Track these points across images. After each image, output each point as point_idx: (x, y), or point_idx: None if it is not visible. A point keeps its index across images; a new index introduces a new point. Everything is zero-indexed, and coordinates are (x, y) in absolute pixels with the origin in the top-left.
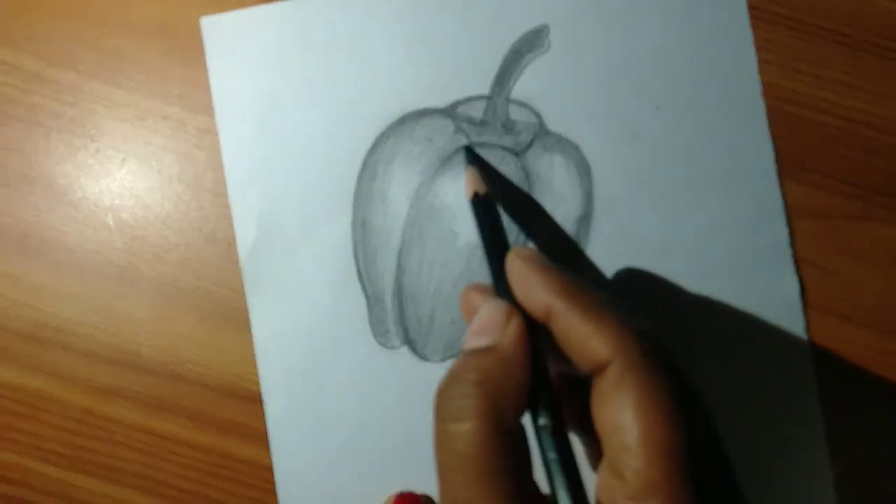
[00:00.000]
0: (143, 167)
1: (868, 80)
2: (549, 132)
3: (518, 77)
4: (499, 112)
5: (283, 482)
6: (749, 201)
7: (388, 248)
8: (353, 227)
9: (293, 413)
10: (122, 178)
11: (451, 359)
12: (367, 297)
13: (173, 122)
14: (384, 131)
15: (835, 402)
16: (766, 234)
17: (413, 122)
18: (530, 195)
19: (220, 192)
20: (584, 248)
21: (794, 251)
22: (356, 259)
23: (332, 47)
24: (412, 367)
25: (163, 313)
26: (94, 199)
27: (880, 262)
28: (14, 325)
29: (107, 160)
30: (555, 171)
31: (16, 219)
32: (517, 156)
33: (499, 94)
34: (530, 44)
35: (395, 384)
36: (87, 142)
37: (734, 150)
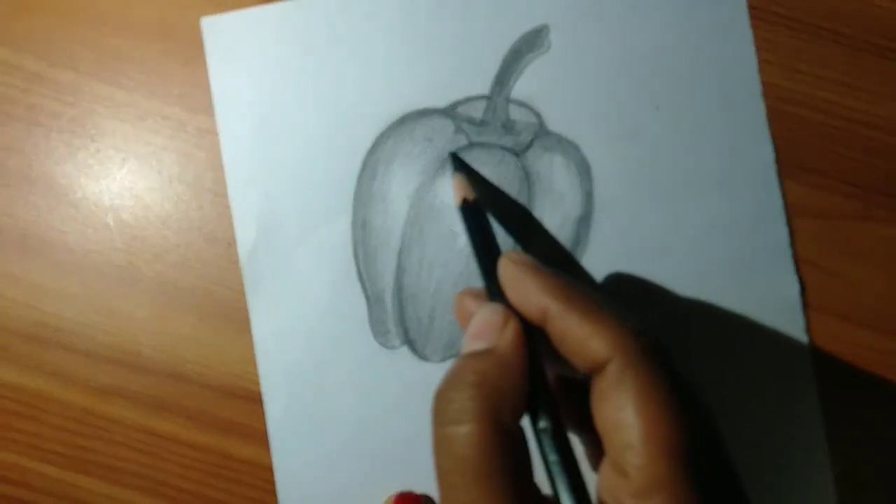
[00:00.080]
0: (143, 167)
1: (868, 80)
2: (549, 132)
3: (518, 77)
4: (499, 112)
5: (283, 482)
6: (749, 201)
7: (388, 248)
8: (353, 227)
9: (293, 413)
10: (122, 178)
11: (450, 359)
12: (367, 297)
13: (173, 122)
14: (384, 131)
15: (835, 402)
16: (766, 234)
17: (413, 122)
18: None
19: (220, 192)
20: (584, 248)
21: (794, 251)
22: (356, 259)
23: (332, 47)
24: (412, 367)
25: (163, 313)
26: (94, 199)
27: (880, 262)
28: (14, 325)
29: (107, 160)
30: (555, 171)
31: (16, 219)
32: (517, 156)
33: (499, 94)
34: (530, 44)
35: (395, 384)
36: (87, 142)
37: (734, 150)
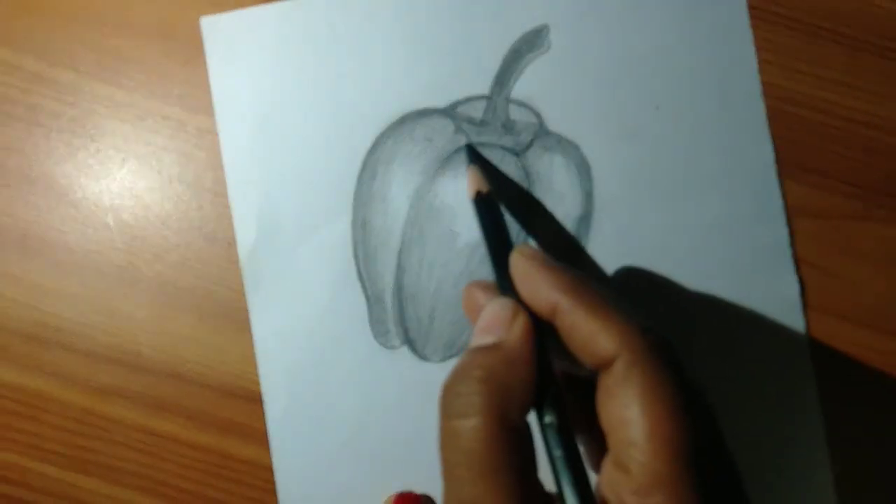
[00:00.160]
0: (143, 167)
1: (868, 80)
2: (549, 132)
3: (518, 77)
4: (499, 112)
5: (283, 482)
6: (749, 201)
7: (388, 248)
8: (353, 227)
9: (293, 413)
10: (122, 178)
11: (451, 359)
12: (367, 297)
13: (173, 122)
14: (384, 131)
15: (835, 402)
16: (766, 234)
17: (413, 122)
18: (531, 194)
19: (220, 192)
20: (585, 247)
21: (794, 251)
22: (356, 259)
23: (332, 47)
24: (412, 367)
25: (163, 313)
26: (94, 199)
27: (880, 262)
28: (14, 325)
29: (107, 160)
30: (555, 171)
31: (16, 219)
32: (517, 156)
33: (499, 94)
34: (530, 44)
35: (395, 384)
36: (87, 142)
37: (734, 150)
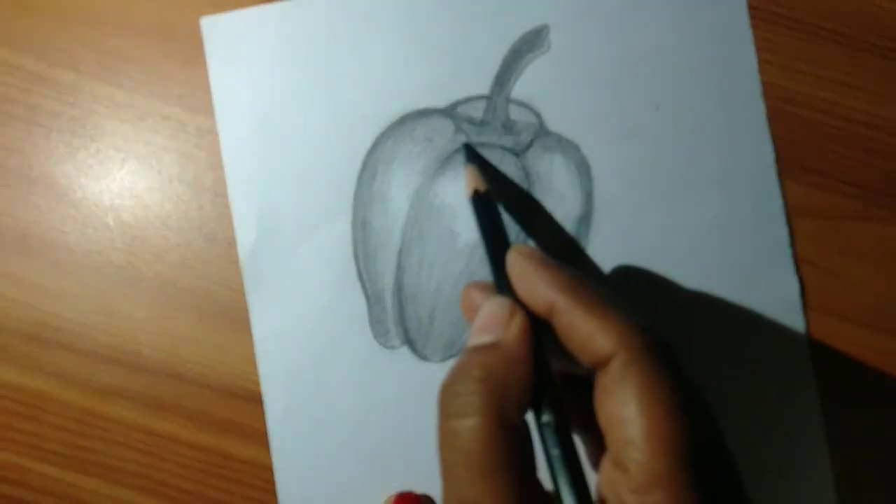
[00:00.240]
0: (143, 167)
1: (868, 80)
2: (549, 132)
3: (518, 77)
4: (499, 112)
5: (283, 482)
6: (749, 201)
7: (388, 248)
8: (353, 227)
9: (293, 413)
10: (122, 178)
11: (451, 359)
12: (367, 297)
13: (173, 122)
14: (384, 131)
15: (835, 402)
16: (766, 234)
17: (413, 122)
18: (531, 194)
19: (220, 192)
20: (584, 247)
21: (794, 251)
22: (356, 259)
23: (332, 47)
24: (412, 367)
25: (163, 313)
26: (94, 199)
27: (880, 262)
28: (14, 325)
29: (107, 160)
30: (555, 171)
31: (16, 219)
32: (517, 156)
33: (499, 94)
34: (530, 44)
35: (395, 384)
36: (87, 142)
37: (734, 150)
